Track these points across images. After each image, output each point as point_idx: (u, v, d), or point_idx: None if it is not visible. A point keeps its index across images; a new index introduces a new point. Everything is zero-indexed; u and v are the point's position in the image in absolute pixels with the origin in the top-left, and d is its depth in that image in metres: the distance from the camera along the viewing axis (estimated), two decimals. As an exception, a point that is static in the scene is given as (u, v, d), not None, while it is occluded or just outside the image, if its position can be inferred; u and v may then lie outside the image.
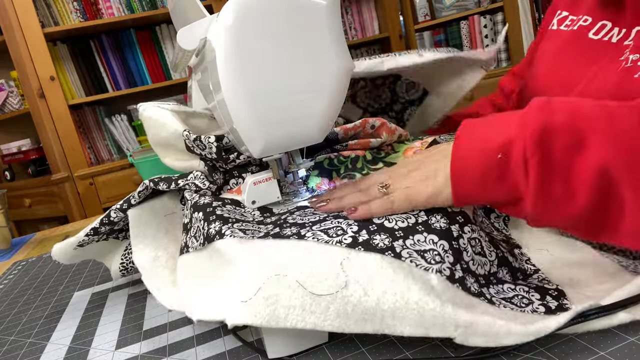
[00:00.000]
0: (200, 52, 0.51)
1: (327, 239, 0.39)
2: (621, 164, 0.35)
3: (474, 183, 0.39)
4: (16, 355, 0.51)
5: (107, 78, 2.32)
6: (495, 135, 0.39)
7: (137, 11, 2.27)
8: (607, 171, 0.35)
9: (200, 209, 0.48)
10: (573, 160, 0.36)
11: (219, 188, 0.55)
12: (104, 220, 0.55)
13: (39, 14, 2.13)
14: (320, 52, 0.43)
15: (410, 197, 0.42)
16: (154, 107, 0.58)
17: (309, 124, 0.45)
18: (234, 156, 0.53)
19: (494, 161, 0.38)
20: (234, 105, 0.43)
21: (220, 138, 0.52)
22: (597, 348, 0.33)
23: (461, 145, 0.41)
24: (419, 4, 2.72)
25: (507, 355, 0.35)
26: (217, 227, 0.44)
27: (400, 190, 0.43)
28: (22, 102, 2.31)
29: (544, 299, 0.39)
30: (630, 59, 0.50)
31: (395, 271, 0.36)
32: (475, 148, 0.39)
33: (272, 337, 0.40)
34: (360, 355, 0.38)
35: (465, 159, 0.40)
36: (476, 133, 0.41)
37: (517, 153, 0.37)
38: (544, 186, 0.36)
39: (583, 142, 0.36)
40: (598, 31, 0.57)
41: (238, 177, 0.56)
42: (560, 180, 0.36)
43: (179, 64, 0.58)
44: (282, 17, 0.42)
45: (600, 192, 0.35)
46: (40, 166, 2.38)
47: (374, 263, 0.36)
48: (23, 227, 2.47)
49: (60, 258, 0.59)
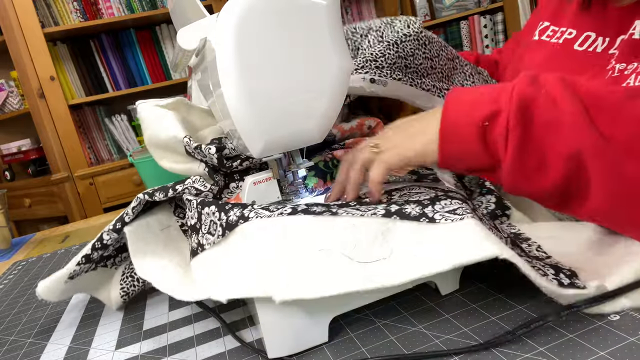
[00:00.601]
0: (200, 52, 0.51)
1: (361, 213, 0.41)
2: (592, 150, 0.37)
3: (459, 144, 0.42)
4: (16, 355, 0.51)
5: (107, 78, 2.32)
6: (484, 103, 0.41)
7: (137, 11, 2.27)
8: (578, 154, 0.38)
9: (211, 204, 0.47)
10: (549, 138, 0.39)
11: (220, 190, 0.55)
12: (96, 245, 0.52)
13: (39, 14, 2.13)
14: (320, 52, 0.43)
15: (400, 153, 0.45)
16: (153, 106, 0.57)
17: (309, 124, 0.45)
18: (237, 163, 0.53)
19: (480, 127, 0.41)
20: (233, 105, 0.43)
21: (220, 148, 0.52)
22: (597, 348, 0.33)
23: (450, 108, 0.43)
24: (419, 4, 2.72)
25: (507, 355, 0.35)
26: (238, 212, 0.43)
27: (391, 148, 0.45)
28: (22, 102, 2.31)
29: (558, 275, 0.39)
30: (617, 69, 0.51)
31: (433, 232, 0.39)
32: (464, 113, 0.42)
33: (272, 337, 0.40)
34: (360, 355, 0.38)
35: (454, 121, 0.42)
36: (465, 98, 0.43)
37: (501, 123, 0.40)
38: (520, 158, 0.39)
39: (561, 123, 0.38)
40: (583, 42, 0.57)
41: (239, 180, 0.55)
42: (536, 155, 0.39)
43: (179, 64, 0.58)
44: (282, 17, 0.42)
45: (570, 172, 0.39)
46: (40, 166, 2.38)
47: (412, 228, 0.39)
48: (23, 227, 2.47)
49: (48, 295, 0.54)
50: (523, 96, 0.40)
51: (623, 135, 0.37)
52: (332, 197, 0.49)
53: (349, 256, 0.38)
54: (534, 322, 0.36)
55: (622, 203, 0.38)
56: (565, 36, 0.61)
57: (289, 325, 0.39)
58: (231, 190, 0.55)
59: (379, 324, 0.42)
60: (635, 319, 0.36)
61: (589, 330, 0.35)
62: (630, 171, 0.37)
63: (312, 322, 0.40)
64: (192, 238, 0.49)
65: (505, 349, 0.35)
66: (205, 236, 0.46)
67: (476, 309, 0.41)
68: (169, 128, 0.54)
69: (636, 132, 0.37)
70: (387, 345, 0.39)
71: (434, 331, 0.39)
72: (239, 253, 0.42)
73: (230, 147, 0.52)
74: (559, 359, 0.33)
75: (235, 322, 0.48)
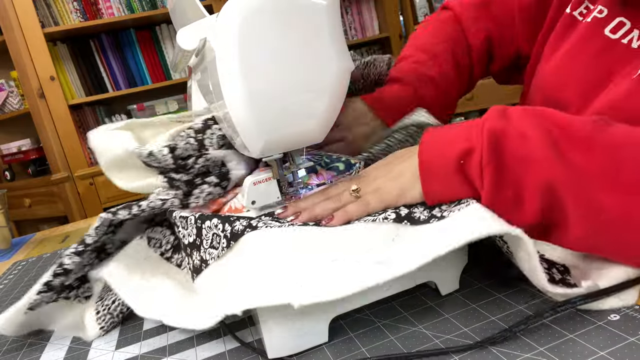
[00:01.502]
0: (200, 52, 0.51)
1: (373, 218, 0.43)
2: (565, 182, 0.38)
3: (440, 182, 0.43)
4: (16, 355, 0.51)
5: (107, 78, 2.32)
6: (458, 141, 0.42)
7: (137, 11, 2.27)
8: (552, 187, 0.38)
9: (211, 217, 0.46)
10: (522, 172, 0.39)
11: (185, 195, 0.51)
12: (57, 271, 0.49)
13: (39, 14, 2.13)
14: (320, 52, 0.43)
15: (382, 196, 0.45)
16: (102, 131, 0.53)
17: (309, 124, 0.45)
18: (192, 161, 0.50)
19: (457, 166, 0.42)
20: (234, 105, 0.43)
21: (173, 148, 0.49)
22: (597, 348, 0.33)
23: (426, 149, 0.44)
24: (419, 4, 2.72)
25: (507, 355, 0.35)
26: (244, 222, 0.43)
27: (372, 192, 0.46)
28: (22, 102, 2.31)
29: (551, 270, 0.40)
30: None
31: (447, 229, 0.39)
32: (440, 153, 0.43)
33: (272, 337, 0.40)
34: (360, 355, 0.38)
35: (432, 161, 0.43)
36: (439, 138, 0.44)
37: (475, 159, 0.41)
38: (497, 192, 0.40)
39: (531, 158, 0.39)
40: (615, 29, 0.52)
41: (202, 184, 0.51)
42: (512, 189, 0.40)
43: (179, 64, 0.58)
44: (282, 17, 0.42)
45: (546, 204, 0.39)
46: (40, 166, 2.38)
47: (424, 233, 0.40)
48: (23, 227, 2.47)
49: (5, 328, 0.50)
50: (494, 131, 0.40)
51: (595, 166, 0.38)
52: (286, 214, 0.47)
53: (362, 260, 0.38)
54: (531, 318, 0.36)
55: (602, 232, 0.39)
56: (595, 14, 0.55)
57: (289, 325, 0.39)
58: (197, 196, 0.51)
59: (379, 324, 0.42)
60: (635, 319, 0.36)
61: (589, 330, 0.35)
62: (605, 202, 0.37)
63: (312, 322, 0.40)
64: (192, 256, 0.47)
65: (505, 348, 0.35)
66: (208, 251, 0.45)
67: (476, 309, 0.41)
68: (123, 143, 0.51)
69: (609, 163, 0.37)
70: (387, 345, 0.39)
71: (434, 331, 0.39)
72: (248, 262, 0.41)
73: (183, 145, 0.50)
74: (559, 359, 0.33)
75: (235, 322, 0.48)
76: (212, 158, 0.51)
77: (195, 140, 0.50)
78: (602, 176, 0.37)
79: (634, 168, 0.37)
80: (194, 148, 0.50)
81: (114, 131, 0.53)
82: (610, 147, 0.38)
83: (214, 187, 0.51)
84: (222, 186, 0.52)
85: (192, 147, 0.50)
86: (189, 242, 0.47)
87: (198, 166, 0.51)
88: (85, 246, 0.49)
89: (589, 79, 0.54)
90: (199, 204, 0.52)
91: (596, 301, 0.37)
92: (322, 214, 0.46)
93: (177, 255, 0.55)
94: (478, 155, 0.40)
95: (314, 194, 0.49)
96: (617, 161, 0.37)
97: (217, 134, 0.52)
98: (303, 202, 0.48)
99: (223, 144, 0.52)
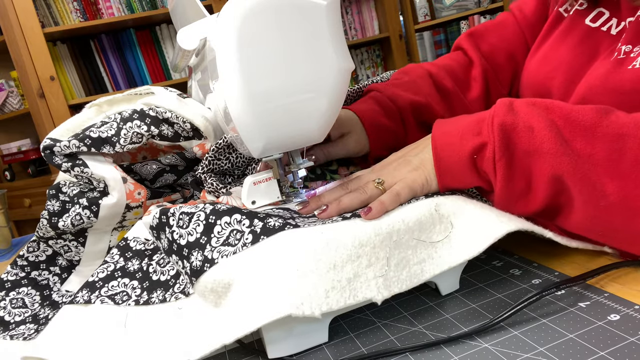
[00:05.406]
0: (200, 52, 0.51)
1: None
2: (571, 171, 0.40)
3: (455, 176, 0.46)
4: (16, 355, 0.51)
5: (107, 78, 2.32)
6: (469, 136, 0.44)
7: (137, 11, 2.27)
8: (559, 177, 0.41)
9: (233, 212, 0.44)
10: (531, 165, 0.42)
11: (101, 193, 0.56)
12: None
13: (39, 14, 2.13)
14: (320, 52, 0.43)
15: (411, 186, 0.46)
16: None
17: (309, 124, 0.45)
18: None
19: (471, 161, 0.44)
20: (234, 105, 0.43)
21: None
22: (597, 348, 0.33)
23: (439, 144, 0.46)
24: (419, 4, 2.72)
25: (507, 355, 0.35)
26: (280, 220, 0.42)
27: (401, 182, 0.46)
28: (22, 102, 2.31)
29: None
30: (623, 50, 0.51)
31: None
32: (454, 149, 0.45)
33: (272, 337, 0.40)
34: (360, 355, 0.38)
35: (446, 157, 0.46)
36: (450, 131, 0.46)
37: (487, 156, 0.43)
38: (508, 185, 0.43)
39: (540, 150, 0.41)
40: (595, 18, 0.57)
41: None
42: (522, 181, 0.43)
43: (179, 64, 0.58)
44: (282, 17, 0.42)
45: (554, 193, 0.42)
46: (40, 166, 2.38)
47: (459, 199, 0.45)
48: (23, 227, 2.47)
49: None
50: (503, 126, 0.43)
51: (601, 153, 0.40)
52: (309, 209, 0.47)
53: (418, 239, 0.42)
54: (512, 308, 0.38)
55: (602, 217, 0.41)
56: (576, 7, 0.59)
57: (289, 325, 0.39)
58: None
59: (379, 324, 0.42)
60: (635, 319, 0.36)
61: (589, 330, 0.35)
62: (608, 187, 0.39)
63: (312, 322, 0.40)
64: (189, 259, 0.43)
65: (505, 348, 0.35)
66: (217, 249, 0.42)
67: (476, 309, 0.41)
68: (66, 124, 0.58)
69: (612, 150, 0.40)
70: (387, 345, 0.39)
71: (434, 331, 0.39)
72: (274, 263, 0.39)
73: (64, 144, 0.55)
74: (559, 358, 0.33)
75: (235, 322, 0.48)
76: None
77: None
78: (605, 163, 0.40)
79: (635, 155, 0.39)
80: (241, 150, 0.52)
81: (84, 109, 0.57)
82: (611, 134, 0.40)
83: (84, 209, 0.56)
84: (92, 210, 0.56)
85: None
86: (187, 242, 0.43)
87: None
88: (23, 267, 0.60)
89: (572, 65, 0.58)
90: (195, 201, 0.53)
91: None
92: (350, 206, 0.45)
93: (155, 294, 0.46)
94: (490, 151, 0.43)
95: (334, 189, 0.49)
96: (618, 148, 0.39)
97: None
98: (325, 197, 0.48)
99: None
